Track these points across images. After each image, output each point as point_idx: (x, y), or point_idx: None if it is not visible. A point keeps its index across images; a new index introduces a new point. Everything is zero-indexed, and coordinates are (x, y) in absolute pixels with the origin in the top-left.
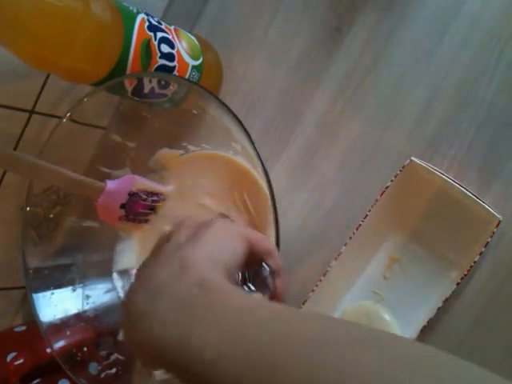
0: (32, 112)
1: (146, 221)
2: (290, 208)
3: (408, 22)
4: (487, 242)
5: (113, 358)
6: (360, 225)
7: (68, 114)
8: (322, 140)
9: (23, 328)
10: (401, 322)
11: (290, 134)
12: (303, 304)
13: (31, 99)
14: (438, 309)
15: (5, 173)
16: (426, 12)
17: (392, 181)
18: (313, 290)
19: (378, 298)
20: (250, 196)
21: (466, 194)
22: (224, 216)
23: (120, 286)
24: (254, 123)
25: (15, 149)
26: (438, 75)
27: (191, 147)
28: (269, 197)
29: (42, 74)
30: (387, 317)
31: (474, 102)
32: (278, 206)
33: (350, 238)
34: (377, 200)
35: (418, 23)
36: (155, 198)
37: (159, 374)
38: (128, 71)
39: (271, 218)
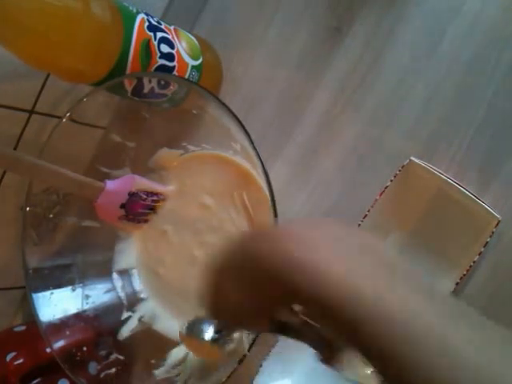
0: (32, 112)
1: (146, 221)
2: (289, 208)
3: (407, 21)
4: (486, 242)
5: (112, 357)
6: (359, 225)
7: (68, 114)
8: (321, 140)
9: (23, 328)
10: None
11: (289, 133)
12: None
13: (31, 99)
14: None
15: (5, 173)
16: (425, 12)
17: (391, 181)
18: None
19: None
20: (249, 196)
21: (466, 193)
22: None
23: (120, 285)
24: (254, 123)
25: (15, 149)
26: (438, 75)
27: (191, 147)
28: (268, 197)
29: (42, 73)
30: None
31: (474, 102)
32: (277, 205)
33: None
34: (376, 200)
35: (417, 23)
36: (155, 197)
37: (159, 373)
38: (128, 71)
39: (270, 218)
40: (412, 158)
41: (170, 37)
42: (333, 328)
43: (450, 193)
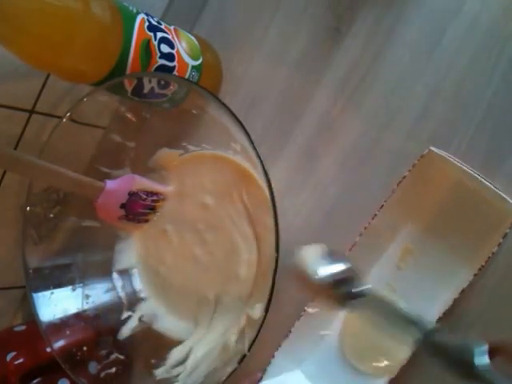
0: (32, 112)
1: (146, 220)
2: (289, 208)
3: (407, 21)
4: (506, 233)
5: (112, 357)
6: (376, 215)
7: (68, 114)
8: (321, 140)
9: (23, 327)
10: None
11: (289, 133)
12: None
13: (31, 99)
14: (454, 300)
15: (5, 173)
16: (425, 12)
17: (409, 171)
18: None
19: (390, 289)
20: (249, 196)
21: (486, 184)
22: None
23: (120, 285)
24: (254, 123)
25: (15, 149)
26: (438, 75)
27: (191, 147)
28: (268, 197)
29: (42, 74)
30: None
31: (473, 102)
32: (277, 205)
33: (365, 227)
34: (393, 190)
35: (417, 23)
36: (155, 197)
37: (159, 372)
38: (128, 71)
39: (270, 218)
40: (432, 148)
41: (170, 37)
42: None
43: (469, 183)
